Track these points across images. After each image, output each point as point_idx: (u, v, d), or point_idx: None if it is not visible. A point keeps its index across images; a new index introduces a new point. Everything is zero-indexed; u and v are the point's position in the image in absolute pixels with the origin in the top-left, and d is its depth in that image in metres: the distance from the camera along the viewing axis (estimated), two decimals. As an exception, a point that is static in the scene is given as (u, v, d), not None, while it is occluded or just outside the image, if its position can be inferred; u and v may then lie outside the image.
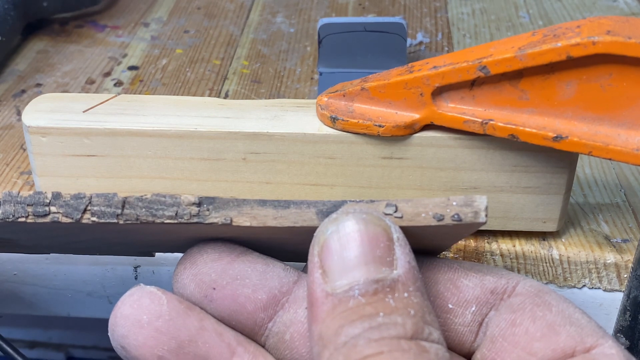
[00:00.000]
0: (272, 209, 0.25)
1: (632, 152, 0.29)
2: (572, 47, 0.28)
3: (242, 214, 0.25)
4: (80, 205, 0.25)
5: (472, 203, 0.24)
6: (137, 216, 0.25)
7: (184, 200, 0.25)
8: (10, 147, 0.42)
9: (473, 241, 0.36)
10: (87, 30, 0.55)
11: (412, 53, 0.52)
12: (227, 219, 0.25)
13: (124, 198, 0.25)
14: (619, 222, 0.37)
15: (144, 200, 0.25)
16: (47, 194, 0.25)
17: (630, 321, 0.34)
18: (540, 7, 0.59)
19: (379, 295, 0.22)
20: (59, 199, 0.25)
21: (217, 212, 0.25)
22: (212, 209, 0.25)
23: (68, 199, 0.25)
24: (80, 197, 0.25)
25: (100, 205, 0.25)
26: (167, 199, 0.25)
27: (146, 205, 0.25)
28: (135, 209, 0.25)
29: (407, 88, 0.32)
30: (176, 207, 0.25)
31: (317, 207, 0.25)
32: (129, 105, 0.34)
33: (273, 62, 0.51)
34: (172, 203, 0.25)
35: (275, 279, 0.27)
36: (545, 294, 0.26)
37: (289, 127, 0.33)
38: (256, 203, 0.25)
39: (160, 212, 0.25)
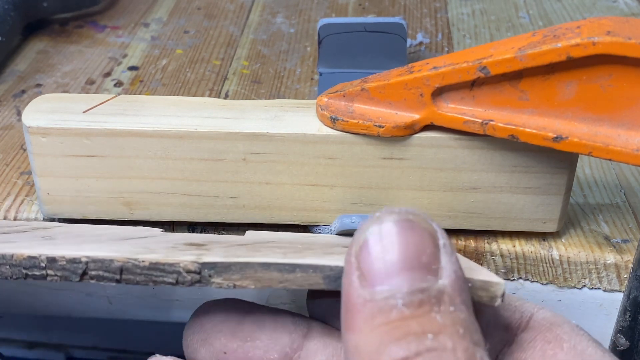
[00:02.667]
0: (276, 272, 0.24)
1: (632, 153, 0.29)
2: (572, 48, 0.28)
3: (246, 278, 0.24)
4: (78, 270, 0.24)
5: (489, 288, 0.23)
6: (136, 281, 0.24)
7: (184, 267, 0.24)
8: (10, 147, 0.42)
9: (473, 241, 0.36)
10: (87, 31, 0.55)
11: (412, 53, 0.52)
12: (230, 284, 0.24)
13: (121, 264, 0.24)
14: (619, 223, 0.37)
15: (142, 267, 0.24)
16: (42, 258, 0.24)
17: (630, 322, 0.34)
18: (540, 8, 0.59)
19: (425, 308, 0.20)
20: (54, 264, 0.24)
21: (219, 276, 0.24)
22: (213, 274, 0.24)
23: (64, 263, 0.24)
24: (76, 262, 0.24)
25: (98, 270, 0.24)
26: (165, 266, 0.24)
27: (144, 273, 0.24)
28: (133, 275, 0.24)
29: (407, 88, 0.32)
30: (176, 275, 0.24)
31: (324, 273, 0.24)
32: (129, 105, 0.34)
33: (273, 62, 0.51)
34: (172, 271, 0.24)
35: (285, 335, 0.26)
36: (558, 327, 0.25)
37: (289, 128, 0.33)
38: (260, 266, 0.24)
39: (160, 278, 0.24)
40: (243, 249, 0.27)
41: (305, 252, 0.26)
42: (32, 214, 0.37)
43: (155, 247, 0.26)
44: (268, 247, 0.27)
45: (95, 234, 0.31)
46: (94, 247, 0.26)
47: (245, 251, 0.26)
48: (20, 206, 0.37)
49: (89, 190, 0.34)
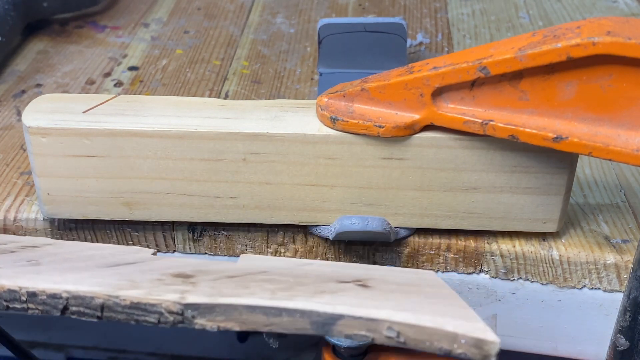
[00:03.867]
0: (262, 315, 0.23)
1: (632, 153, 0.29)
2: (572, 48, 0.28)
3: (230, 320, 0.23)
4: (59, 305, 0.24)
5: (483, 346, 0.22)
6: (118, 319, 0.24)
7: (165, 308, 0.23)
8: (10, 147, 0.42)
9: (473, 242, 0.36)
10: (87, 31, 0.55)
11: (412, 53, 0.52)
12: (215, 326, 0.23)
13: (102, 302, 0.24)
14: (619, 223, 0.37)
15: (123, 306, 0.24)
16: (22, 292, 0.24)
17: (630, 322, 0.34)
18: (540, 8, 0.59)
19: None
20: (34, 298, 0.24)
21: (203, 317, 0.23)
22: (197, 315, 0.23)
23: (44, 297, 0.24)
24: (57, 297, 0.24)
25: (79, 307, 0.24)
26: (147, 306, 0.23)
27: (125, 311, 0.24)
28: (115, 313, 0.24)
29: (407, 89, 0.32)
30: (158, 315, 0.24)
31: (311, 318, 0.23)
32: (129, 105, 0.34)
33: (273, 62, 0.51)
34: (153, 311, 0.23)
35: None
36: None
37: (289, 128, 0.33)
38: (245, 309, 0.23)
39: (142, 317, 0.24)
40: (231, 284, 0.26)
41: (296, 288, 0.26)
42: (32, 214, 0.37)
43: (140, 280, 0.25)
44: (258, 282, 0.26)
45: (86, 255, 0.30)
46: (77, 277, 0.26)
47: (233, 287, 0.25)
48: (20, 206, 0.37)
49: (89, 191, 0.34)
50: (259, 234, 0.37)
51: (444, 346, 0.22)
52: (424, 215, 0.35)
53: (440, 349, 0.22)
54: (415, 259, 0.36)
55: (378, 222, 0.34)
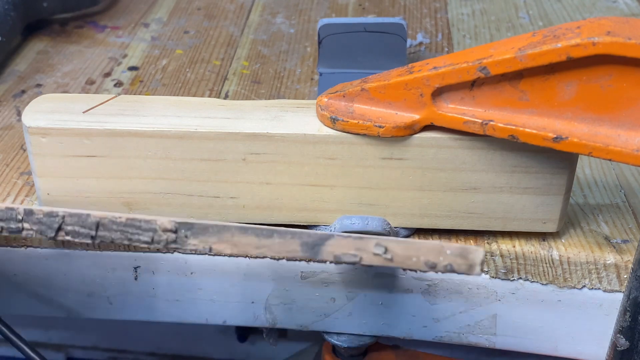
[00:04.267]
0: (254, 237, 0.24)
1: (632, 153, 0.29)
2: (572, 48, 0.28)
3: (222, 241, 0.24)
4: (54, 224, 0.24)
5: (468, 255, 0.23)
6: (111, 239, 0.24)
7: (160, 225, 0.24)
8: (10, 147, 0.42)
9: (473, 241, 0.36)
10: (87, 31, 0.55)
11: (412, 54, 0.52)
12: (207, 247, 0.24)
13: (98, 219, 0.24)
14: (619, 223, 0.37)
15: (119, 224, 0.24)
16: (19, 210, 0.24)
17: (630, 322, 0.34)
18: (540, 8, 0.59)
19: None
20: (31, 216, 0.24)
21: (196, 238, 0.24)
22: (190, 234, 0.24)
23: (41, 216, 0.24)
24: (53, 215, 0.24)
25: (74, 225, 0.24)
26: (142, 223, 0.24)
27: (121, 229, 0.24)
28: (109, 231, 0.24)
29: (407, 89, 0.32)
30: (152, 233, 0.24)
31: (301, 239, 0.24)
32: (129, 105, 0.34)
33: (273, 62, 0.51)
34: (148, 228, 0.24)
35: None
36: None
37: (289, 128, 0.33)
38: (237, 230, 0.24)
39: (136, 236, 0.24)
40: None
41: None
42: (32, 214, 0.37)
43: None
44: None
45: None
46: None
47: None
48: (20, 206, 0.37)
49: (89, 191, 0.34)
50: (259, 234, 0.37)
51: (430, 259, 0.23)
52: (424, 215, 0.35)
53: (427, 262, 0.23)
54: (415, 259, 0.36)
55: (378, 222, 0.34)
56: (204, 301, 0.39)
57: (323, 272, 0.37)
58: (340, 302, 0.38)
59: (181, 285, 0.38)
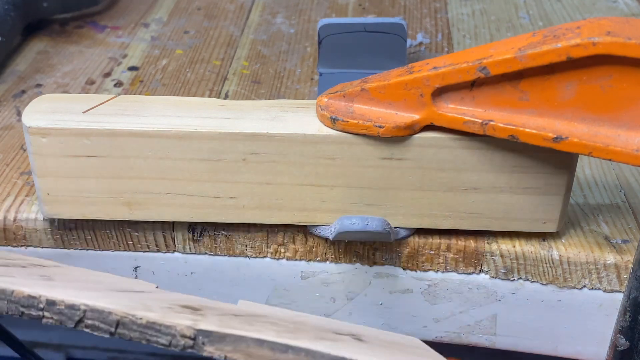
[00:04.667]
0: (269, 350, 0.24)
1: (632, 153, 0.29)
2: (572, 48, 0.28)
3: (238, 351, 0.24)
4: (75, 317, 0.24)
5: None
6: (130, 337, 0.24)
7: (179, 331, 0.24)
8: (10, 147, 0.42)
9: (473, 242, 0.36)
10: (87, 31, 0.55)
11: (412, 54, 0.52)
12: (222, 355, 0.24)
13: (118, 319, 0.24)
14: (618, 223, 0.37)
15: (138, 325, 0.24)
16: (42, 299, 0.24)
17: (630, 322, 0.34)
18: (540, 8, 0.59)
19: None
20: (53, 307, 0.24)
21: (212, 345, 0.24)
22: (207, 342, 0.24)
23: (62, 307, 0.24)
24: (75, 308, 0.24)
25: (95, 320, 0.24)
26: (161, 327, 0.24)
27: (140, 330, 0.24)
28: (129, 330, 0.24)
29: (407, 89, 0.32)
30: (170, 337, 0.24)
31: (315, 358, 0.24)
32: (129, 105, 0.34)
33: (273, 62, 0.51)
34: (167, 333, 0.24)
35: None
36: None
37: (289, 128, 0.33)
38: (253, 342, 0.24)
39: (154, 338, 0.24)
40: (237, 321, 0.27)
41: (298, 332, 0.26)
42: (32, 214, 0.37)
43: (152, 305, 0.26)
44: (261, 322, 0.27)
45: (95, 279, 0.31)
46: (92, 295, 0.26)
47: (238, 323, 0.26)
48: (20, 206, 0.37)
49: (89, 191, 0.34)
50: (259, 234, 0.37)
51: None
52: (424, 215, 0.35)
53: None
54: (415, 259, 0.36)
55: (378, 222, 0.34)
56: (204, 301, 0.39)
57: (323, 272, 0.37)
58: (340, 302, 0.38)
59: (181, 285, 0.38)
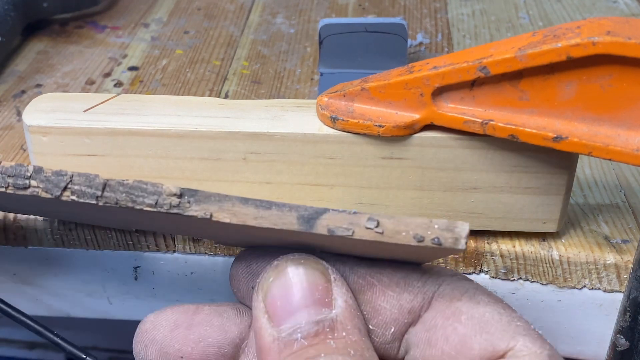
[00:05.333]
0: (253, 208, 0.24)
1: (632, 153, 0.29)
2: (572, 48, 0.28)
3: (223, 210, 0.24)
4: (61, 183, 0.25)
5: (454, 229, 0.24)
6: (116, 200, 0.24)
7: (166, 189, 0.24)
8: (10, 147, 0.42)
9: (473, 242, 0.36)
10: (87, 31, 0.55)
11: (412, 54, 0.52)
12: (207, 214, 0.24)
13: (105, 180, 0.25)
14: (618, 223, 0.37)
15: (125, 185, 0.25)
16: (29, 167, 0.25)
17: (630, 322, 0.34)
18: (540, 8, 0.59)
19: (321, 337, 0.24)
20: (40, 174, 0.25)
21: (198, 205, 0.24)
22: (193, 201, 0.24)
23: (49, 174, 0.25)
24: (62, 174, 0.25)
25: (81, 185, 0.25)
26: (148, 186, 0.25)
27: (127, 190, 0.25)
28: (115, 192, 0.25)
29: (407, 88, 0.32)
30: (157, 196, 0.24)
31: (298, 212, 0.24)
32: (129, 105, 0.34)
33: (273, 62, 0.51)
34: (153, 191, 0.24)
35: (233, 328, 0.28)
36: (457, 300, 0.26)
37: (289, 127, 0.33)
38: (238, 200, 0.25)
39: (141, 199, 0.24)
40: None
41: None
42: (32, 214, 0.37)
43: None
44: None
45: None
46: None
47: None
48: (20, 206, 0.37)
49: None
50: (259, 234, 0.37)
51: (419, 232, 0.24)
52: (424, 215, 0.35)
53: (415, 236, 0.24)
54: (415, 259, 0.36)
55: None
56: (204, 301, 0.39)
57: (323, 271, 0.37)
58: (340, 302, 0.38)
59: (181, 285, 0.38)
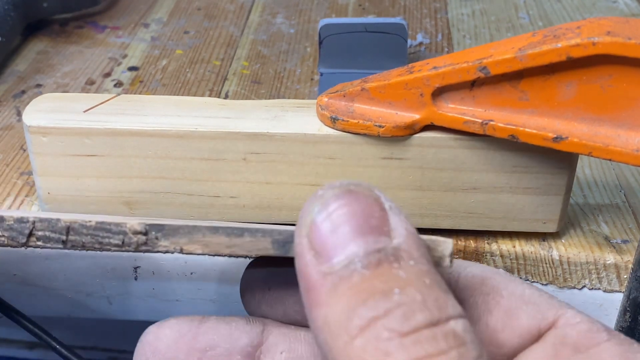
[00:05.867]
0: (225, 236, 0.24)
1: (632, 153, 0.29)
2: (572, 48, 0.28)
3: (193, 242, 0.24)
4: (25, 230, 0.24)
5: (437, 247, 0.23)
6: (82, 243, 0.24)
7: (130, 228, 0.24)
8: (10, 147, 0.42)
9: (473, 242, 0.36)
10: (87, 31, 0.55)
11: (413, 54, 0.52)
12: (177, 247, 0.24)
13: (68, 224, 0.24)
14: (618, 223, 0.37)
15: (89, 227, 0.24)
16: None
17: (630, 322, 0.34)
18: (540, 8, 0.59)
19: (384, 266, 0.20)
20: (2, 223, 0.24)
21: (167, 239, 0.24)
22: (160, 236, 0.24)
23: (12, 222, 0.24)
24: (24, 221, 0.24)
25: (45, 230, 0.24)
26: (112, 226, 0.24)
27: (91, 233, 0.24)
28: (80, 235, 0.24)
29: (407, 88, 0.32)
30: (122, 236, 0.24)
31: (272, 237, 0.24)
32: (129, 105, 0.34)
33: (273, 62, 0.51)
34: (118, 231, 0.24)
35: (243, 336, 0.26)
36: (490, 278, 0.25)
37: (289, 128, 0.33)
38: (208, 230, 0.24)
39: (107, 239, 0.24)
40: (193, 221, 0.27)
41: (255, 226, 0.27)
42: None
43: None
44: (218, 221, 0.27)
45: None
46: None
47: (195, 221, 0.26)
48: (20, 206, 0.37)
49: (90, 190, 0.34)
50: (259, 234, 0.37)
51: None
52: (424, 215, 0.35)
53: None
54: (415, 259, 0.36)
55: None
56: (204, 301, 0.39)
57: (323, 272, 0.37)
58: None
59: (181, 286, 0.38)
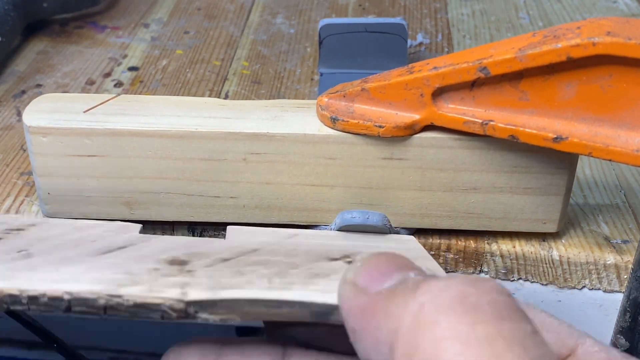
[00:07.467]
0: (264, 308, 0.24)
1: (632, 153, 0.29)
2: (572, 48, 0.28)
3: (233, 313, 0.24)
4: (61, 306, 0.24)
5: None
6: (122, 317, 0.24)
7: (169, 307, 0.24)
8: (10, 147, 0.42)
9: (473, 242, 0.36)
10: (88, 31, 0.55)
11: (413, 54, 0.52)
12: (217, 319, 0.24)
13: (104, 304, 0.24)
14: (619, 223, 0.37)
15: (126, 306, 0.24)
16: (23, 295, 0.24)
17: (630, 322, 0.34)
18: (540, 8, 0.59)
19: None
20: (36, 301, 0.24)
21: (205, 312, 0.24)
22: (200, 310, 0.24)
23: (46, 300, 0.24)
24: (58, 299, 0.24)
25: (82, 307, 0.24)
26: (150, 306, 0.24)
27: (129, 310, 0.24)
28: (118, 311, 0.24)
29: (408, 89, 0.32)
30: (161, 312, 0.24)
31: (310, 309, 0.24)
32: (129, 105, 0.34)
33: (273, 63, 0.51)
34: (156, 309, 0.24)
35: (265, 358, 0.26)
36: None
37: (289, 128, 0.33)
38: (246, 303, 0.24)
39: (146, 314, 0.24)
40: (227, 271, 0.26)
41: (290, 272, 0.26)
42: (32, 214, 0.37)
43: (137, 271, 0.26)
44: (252, 266, 0.27)
45: (74, 239, 0.31)
46: (73, 272, 0.26)
47: (229, 275, 0.26)
48: (20, 206, 0.37)
49: (90, 190, 0.34)
50: (259, 234, 0.37)
51: None
52: (424, 216, 0.35)
53: None
54: (415, 259, 0.36)
55: (378, 217, 0.34)
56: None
57: (323, 272, 0.37)
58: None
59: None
